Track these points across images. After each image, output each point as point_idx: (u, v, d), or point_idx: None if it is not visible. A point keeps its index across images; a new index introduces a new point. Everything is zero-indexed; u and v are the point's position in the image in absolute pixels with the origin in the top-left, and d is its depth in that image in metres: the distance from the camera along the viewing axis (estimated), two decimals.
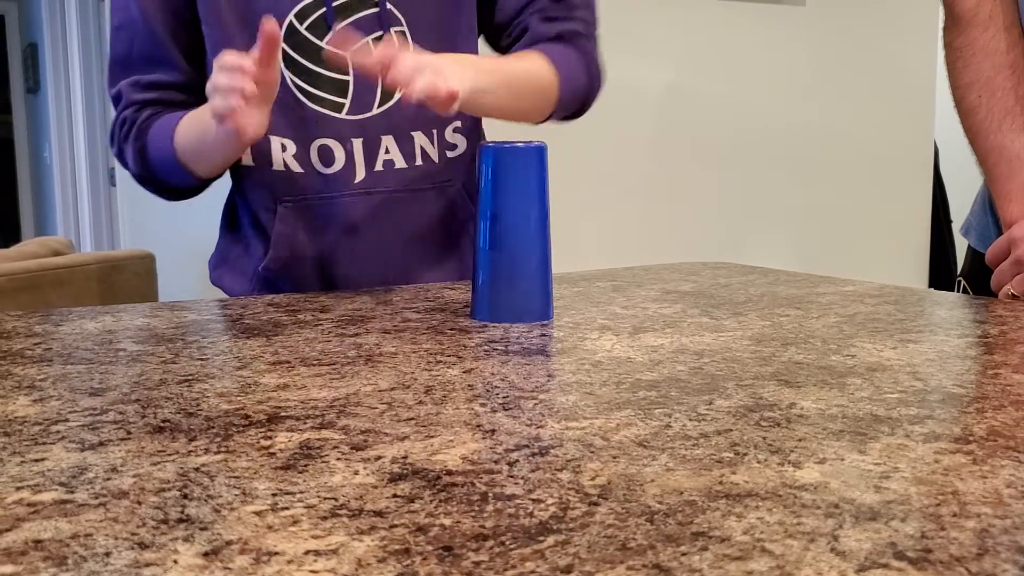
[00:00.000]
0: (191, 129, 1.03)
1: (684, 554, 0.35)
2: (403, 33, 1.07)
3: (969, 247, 1.19)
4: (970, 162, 1.07)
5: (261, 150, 1.06)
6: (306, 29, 1.04)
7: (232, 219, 1.16)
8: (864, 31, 2.69)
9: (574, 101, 1.10)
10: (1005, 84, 1.00)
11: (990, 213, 1.11)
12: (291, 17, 1.04)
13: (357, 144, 1.06)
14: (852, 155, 2.73)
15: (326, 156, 1.06)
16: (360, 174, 1.07)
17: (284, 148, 1.05)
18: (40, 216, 6.42)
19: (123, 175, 4.24)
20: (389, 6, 1.06)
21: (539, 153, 0.84)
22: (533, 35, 1.09)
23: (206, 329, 0.81)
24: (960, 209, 1.26)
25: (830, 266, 2.60)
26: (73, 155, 4.77)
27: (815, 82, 2.65)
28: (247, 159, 1.07)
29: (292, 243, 1.07)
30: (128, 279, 2.43)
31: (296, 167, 1.06)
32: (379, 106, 1.07)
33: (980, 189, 1.15)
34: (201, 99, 1.09)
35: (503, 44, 1.13)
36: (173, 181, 1.10)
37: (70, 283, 2.26)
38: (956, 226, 2.43)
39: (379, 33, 1.05)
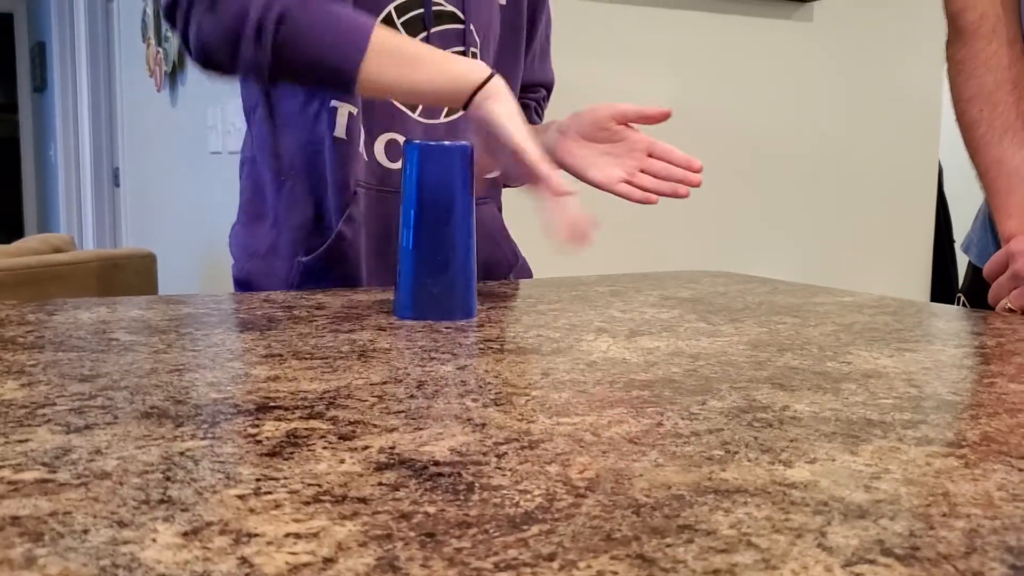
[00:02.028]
0: (408, 41, 0.94)
1: (669, 545, 0.34)
2: (476, 55, 1.11)
3: (969, 263, 1.19)
4: (974, 183, 1.07)
5: (353, 127, 1.04)
6: (402, 24, 1.05)
7: (261, 206, 1.11)
8: (871, 50, 2.70)
9: None
10: (1007, 99, 1.00)
11: (990, 229, 1.11)
12: (391, 8, 1.04)
13: None
14: (856, 172, 2.73)
15: (392, 151, 1.07)
16: None
17: (361, 133, 1.06)
18: (43, 214, 6.43)
19: (128, 175, 4.23)
20: (472, 27, 1.09)
21: (462, 151, 0.83)
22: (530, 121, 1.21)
23: (200, 322, 0.80)
24: (963, 230, 1.26)
25: (831, 282, 2.59)
26: (78, 154, 4.79)
27: (820, 98, 2.66)
28: (341, 132, 1.03)
29: (356, 229, 1.06)
30: (128, 278, 2.44)
31: (364, 156, 1.06)
32: (446, 116, 1.10)
33: (981, 205, 1.15)
34: None
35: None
36: (297, 60, 0.91)
37: (70, 280, 2.26)
38: (959, 246, 2.43)
39: (460, 48, 1.08)
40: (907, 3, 2.73)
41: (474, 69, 0.92)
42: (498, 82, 0.92)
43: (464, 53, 1.09)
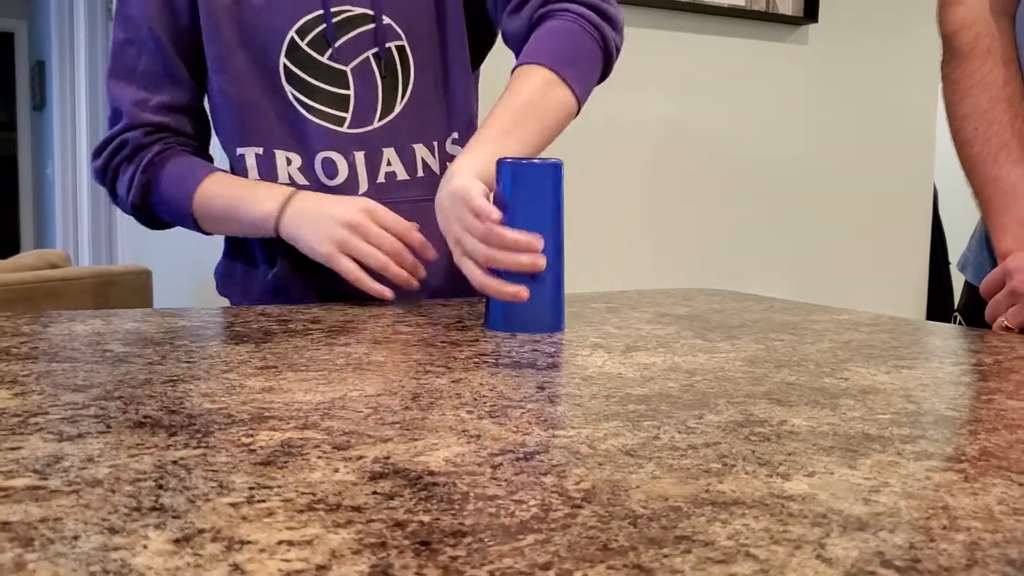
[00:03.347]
0: (223, 194, 1.05)
1: (666, 556, 0.34)
2: (403, 48, 1.07)
3: (966, 282, 1.19)
4: (968, 204, 1.07)
5: (266, 166, 1.07)
6: (307, 45, 1.05)
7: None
8: (866, 72, 2.71)
9: (594, 84, 1.05)
10: (1002, 117, 1.00)
11: (986, 248, 1.11)
12: (292, 33, 1.04)
13: (359, 156, 1.07)
14: (851, 193, 2.74)
15: (329, 169, 1.07)
16: (363, 186, 1.08)
17: (289, 162, 1.06)
18: (40, 230, 6.43)
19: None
20: (387, 20, 1.06)
21: (555, 170, 0.85)
22: (528, 22, 1.04)
23: (195, 335, 0.80)
24: (958, 251, 1.26)
25: (827, 301, 2.59)
26: (75, 172, 4.78)
27: (816, 119, 2.67)
28: (253, 174, 1.07)
29: (294, 250, 1.06)
30: (123, 294, 2.43)
31: (301, 179, 1.07)
32: (380, 119, 1.07)
33: (977, 224, 1.15)
34: (203, 122, 1.11)
35: (499, 16, 1.10)
36: (171, 222, 1.12)
37: (65, 296, 2.25)
38: (954, 267, 2.43)
39: (375, 50, 1.06)
40: (901, 25, 2.74)
41: (269, 212, 1.01)
42: (288, 219, 1.01)
43: (379, 54, 1.06)
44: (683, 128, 2.49)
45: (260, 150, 1.06)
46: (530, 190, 0.85)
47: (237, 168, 1.08)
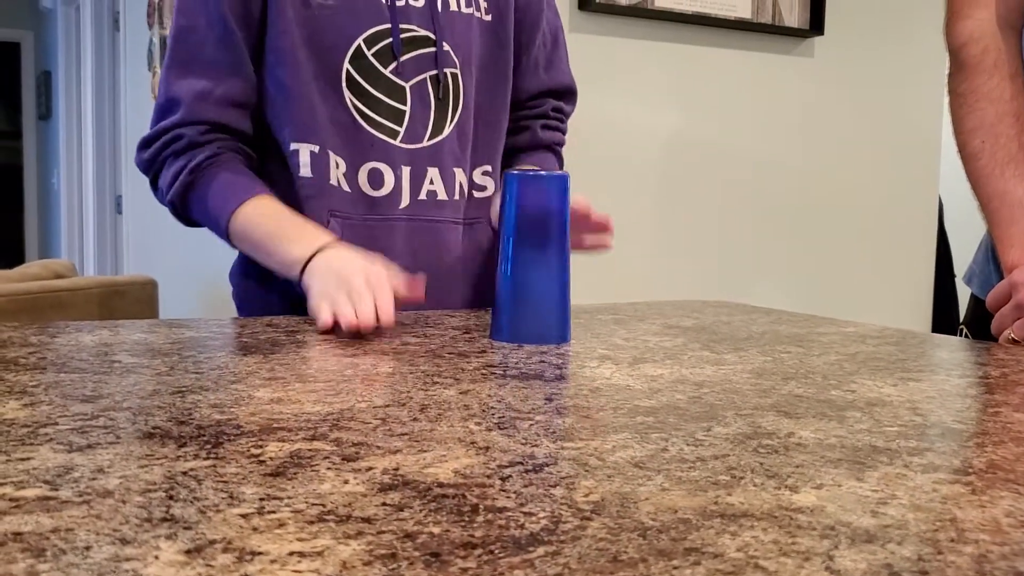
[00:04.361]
0: (262, 223, 1.02)
1: (676, 568, 0.34)
2: (456, 75, 1.11)
3: (971, 295, 1.19)
4: (973, 217, 1.07)
5: (319, 163, 1.06)
6: (373, 55, 1.06)
7: None
8: (872, 85, 2.72)
9: None
10: (1008, 131, 1.01)
11: (992, 261, 1.11)
12: (360, 41, 1.06)
13: (406, 172, 1.09)
14: (857, 205, 2.74)
15: (375, 179, 1.08)
16: (405, 200, 1.09)
17: (337, 165, 1.07)
18: (45, 241, 6.45)
19: (131, 202, 4.21)
20: (446, 47, 1.09)
21: (562, 182, 0.86)
22: (533, 138, 1.23)
23: (203, 345, 0.80)
24: (963, 264, 1.26)
25: (832, 314, 2.59)
26: (81, 182, 4.80)
27: (821, 132, 2.67)
28: (306, 171, 1.06)
29: None
30: (129, 304, 2.43)
31: (345, 186, 1.07)
32: (429, 139, 1.10)
33: (983, 237, 1.15)
34: (257, 120, 1.09)
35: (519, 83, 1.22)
36: (203, 226, 1.09)
37: (71, 306, 2.26)
38: (959, 280, 2.42)
39: (434, 72, 1.08)
40: (907, 38, 2.75)
41: (298, 258, 0.98)
42: (315, 264, 0.96)
43: (437, 76, 1.10)
44: (689, 140, 2.50)
45: (316, 148, 1.06)
46: (537, 202, 0.85)
47: (290, 163, 1.06)
